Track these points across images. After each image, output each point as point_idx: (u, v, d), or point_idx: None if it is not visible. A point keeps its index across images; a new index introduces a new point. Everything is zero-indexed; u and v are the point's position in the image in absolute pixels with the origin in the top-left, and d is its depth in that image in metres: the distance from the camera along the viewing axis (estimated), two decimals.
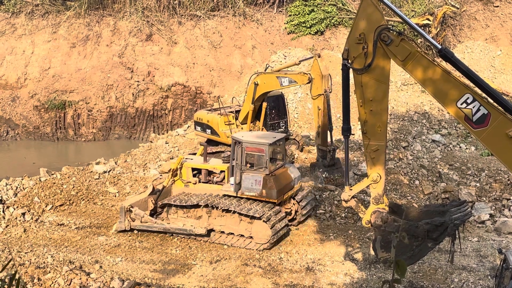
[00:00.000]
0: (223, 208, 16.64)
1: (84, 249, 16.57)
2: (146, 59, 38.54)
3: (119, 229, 17.71)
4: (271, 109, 22.76)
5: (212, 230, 17.10)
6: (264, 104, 22.28)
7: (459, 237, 12.44)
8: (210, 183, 17.94)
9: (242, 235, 16.70)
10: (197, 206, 17.09)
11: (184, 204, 17.11)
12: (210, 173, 18.13)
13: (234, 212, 16.47)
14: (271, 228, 16.05)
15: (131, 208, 17.50)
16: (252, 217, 16.30)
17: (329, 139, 20.44)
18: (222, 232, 17.01)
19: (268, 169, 16.55)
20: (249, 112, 21.99)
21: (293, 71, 21.14)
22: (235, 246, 16.66)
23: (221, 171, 17.83)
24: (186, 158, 18.68)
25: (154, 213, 18.23)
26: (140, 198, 18.02)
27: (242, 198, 16.92)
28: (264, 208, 16.41)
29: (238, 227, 16.68)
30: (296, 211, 17.94)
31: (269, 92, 21.81)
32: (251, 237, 16.53)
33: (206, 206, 16.96)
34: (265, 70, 22.47)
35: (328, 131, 20.23)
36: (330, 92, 20.16)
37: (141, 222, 17.54)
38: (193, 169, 18.25)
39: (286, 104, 23.43)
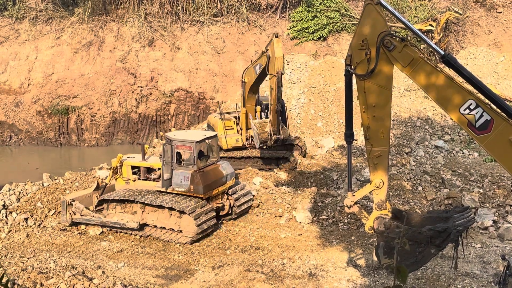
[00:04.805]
0: (147, 203, 17.43)
1: (86, 255, 16.57)
2: (149, 64, 38.60)
3: (62, 222, 18.39)
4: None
5: (146, 224, 17.79)
6: (258, 108, 22.47)
7: (462, 243, 12.41)
8: (149, 180, 18.51)
9: (172, 229, 17.41)
10: (132, 201, 17.80)
11: (115, 199, 17.90)
12: (150, 170, 18.68)
13: (164, 207, 17.19)
14: (195, 220, 16.72)
15: (72, 202, 18.21)
16: (180, 212, 16.99)
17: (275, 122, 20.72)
18: (155, 226, 17.71)
19: (196, 165, 17.21)
20: (241, 116, 22.34)
21: (261, 57, 21.40)
22: (167, 240, 17.28)
23: (159, 169, 18.35)
24: (128, 157, 19.23)
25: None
26: (85, 194, 18.97)
27: (172, 193, 17.62)
28: (190, 203, 17.05)
29: (169, 221, 17.44)
30: (231, 206, 18.53)
31: (256, 87, 22.21)
32: (181, 231, 17.23)
33: (132, 201, 17.69)
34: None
35: (276, 111, 20.46)
36: (283, 74, 20.11)
37: (80, 215, 18.20)
38: (133, 167, 18.80)
39: (286, 110, 23.48)
